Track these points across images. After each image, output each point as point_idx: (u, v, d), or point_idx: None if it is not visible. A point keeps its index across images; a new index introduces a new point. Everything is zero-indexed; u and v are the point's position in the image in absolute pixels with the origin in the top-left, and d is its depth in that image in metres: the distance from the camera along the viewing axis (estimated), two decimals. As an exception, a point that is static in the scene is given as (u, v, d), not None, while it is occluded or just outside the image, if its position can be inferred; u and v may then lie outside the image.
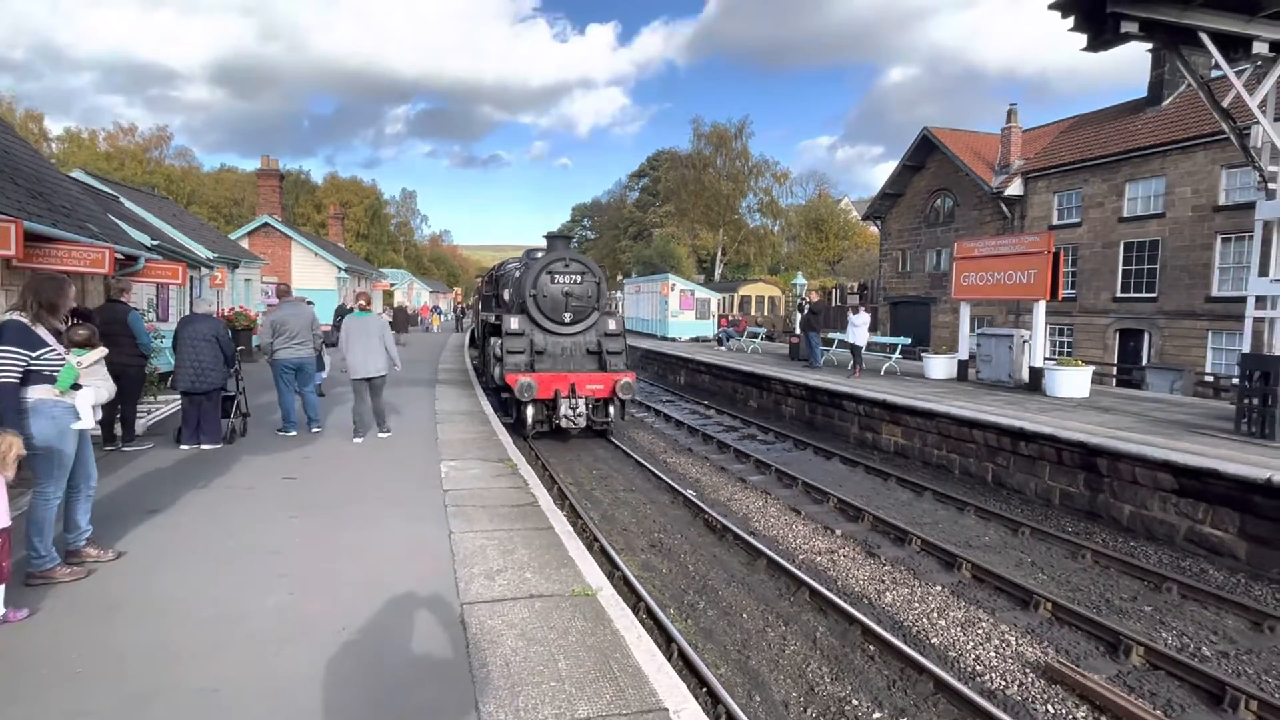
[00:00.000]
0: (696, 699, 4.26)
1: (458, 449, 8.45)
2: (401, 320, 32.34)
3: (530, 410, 11.20)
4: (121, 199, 17.28)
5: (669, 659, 4.93)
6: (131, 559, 4.69)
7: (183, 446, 7.91)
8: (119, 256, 9.13)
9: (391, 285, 47.23)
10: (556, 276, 11.95)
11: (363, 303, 9.05)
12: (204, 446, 7.93)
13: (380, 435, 8.94)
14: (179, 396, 8.32)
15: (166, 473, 6.93)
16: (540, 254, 13.15)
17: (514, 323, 11.83)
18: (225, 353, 8.04)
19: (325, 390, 12.19)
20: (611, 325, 12.51)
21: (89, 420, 4.41)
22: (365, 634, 3.74)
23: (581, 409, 11.33)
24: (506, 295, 13.92)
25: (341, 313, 19.88)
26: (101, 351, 4.72)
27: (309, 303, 9.85)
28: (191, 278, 15.93)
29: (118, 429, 7.98)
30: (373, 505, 6.06)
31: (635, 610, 5.53)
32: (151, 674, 3.29)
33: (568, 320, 12.02)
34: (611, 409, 11.83)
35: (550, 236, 13.14)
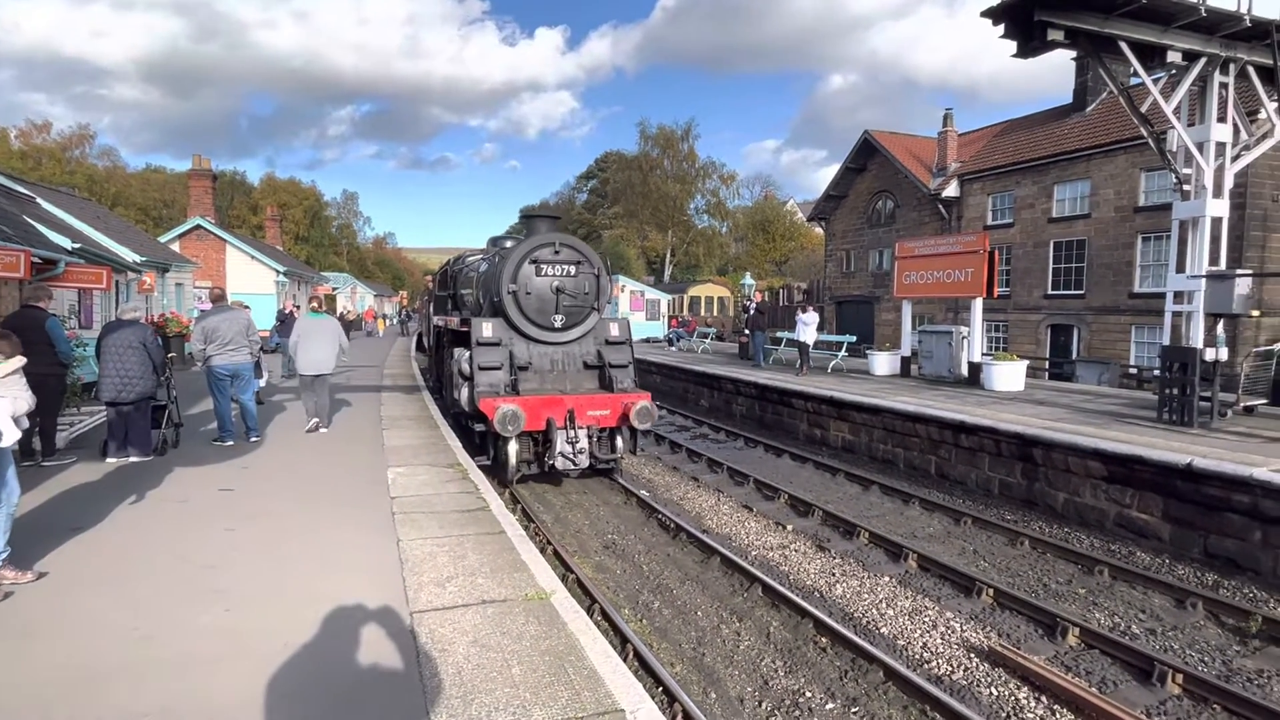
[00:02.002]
0: (653, 698, 4.25)
1: (405, 455, 8.26)
2: (345, 327, 31.50)
3: (514, 448, 8.32)
4: (39, 200, 16.34)
5: (624, 660, 4.91)
6: (54, 580, 4.42)
7: (109, 460, 7.50)
8: (36, 260, 8.63)
9: (334, 289, 45.98)
10: (543, 267, 9.10)
11: (315, 305, 10.01)
12: (132, 459, 7.54)
13: (321, 430, 9.56)
14: (105, 407, 7.90)
15: (92, 488, 6.56)
16: (512, 242, 10.53)
17: (487, 329, 8.93)
18: (154, 360, 7.67)
19: (264, 398, 11.75)
20: (614, 330, 9.64)
21: (10, 434, 4.14)
22: (308, 649, 3.61)
23: (583, 443, 8.45)
24: (468, 295, 11.53)
25: (282, 318, 19.30)
26: (19, 361, 4.44)
27: (245, 307, 9.49)
28: (117, 282, 15.16)
29: (36, 443, 7.50)
30: (315, 515, 5.86)
31: (590, 612, 5.50)
32: (75, 702, 3.10)
33: (559, 325, 9.20)
34: (619, 441, 8.95)
35: (529, 215, 10.18)
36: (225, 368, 8.58)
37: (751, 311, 20.15)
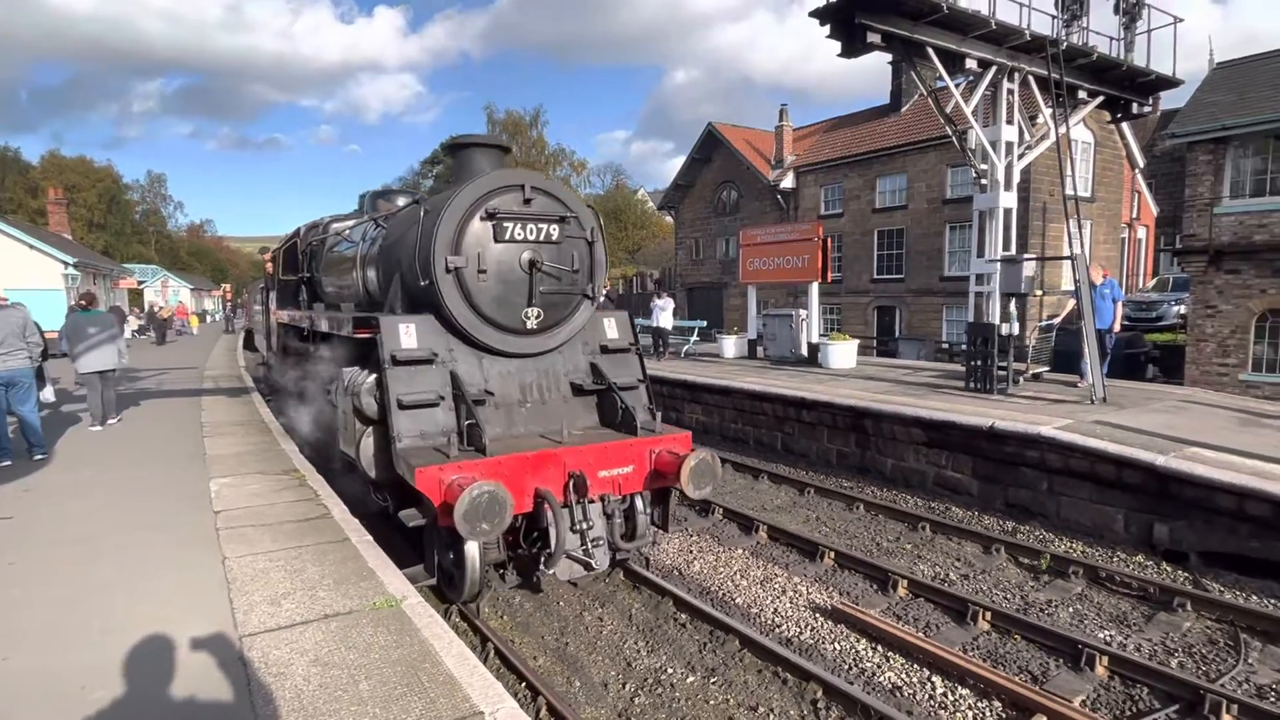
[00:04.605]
0: (515, 695, 4.15)
1: (231, 464, 7.48)
2: (157, 326, 28.12)
3: (475, 551, 5.03)
4: None
5: (484, 660, 4.77)
6: None
7: None
8: None
9: (140, 283, 40.80)
10: (506, 227, 5.44)
11: (84, 302, 9.41)
12: None
13: (110, 421, 9.37)
14: None
15: None
16: (405, 199, 7.66)
17: (407, 336, 5.37)
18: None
19: (52, 409, 10.20)
20: (611, 330, 6.31)
21: None
22: (117, 691, 3.15)
23: (599, 528, 5.30)
24: (336, 282, 8.09)
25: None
26: None
27: (18, 306, 8.14)
28: None
29: None
30: (122, 538, 5.15)
31: (446, 615, 5.28)
32: None
33: (533, 324, 5.67)
34: (641, 516, 5.61)
35: (462, 145, 6.03)
36: (-4, 375, 7.32)
37: (606, 299, 20.31)
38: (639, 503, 5.57)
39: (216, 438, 8.86)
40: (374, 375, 5.39)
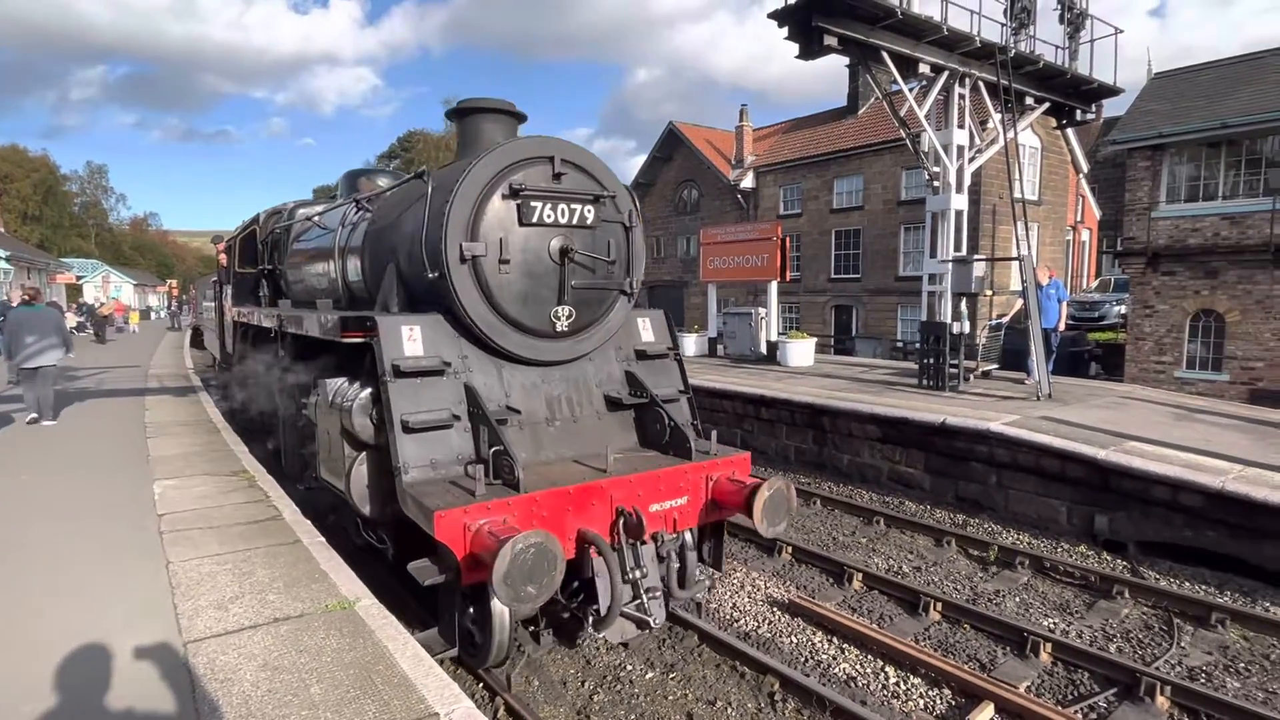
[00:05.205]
0: (473, 695, 4.12)
1: (177, 465, 7.23)
2: (97, 323, 27.03)
3: (503, 611, 4.13)
4: None
5: (441, 661, 4.70)
6: None
7: None
8: None
9: (79, 278, 39.13)
10: (534, 208, 4.57)
11: (27, 297, 9.37)
12: None
13: (45, 423, 9.09)
14: None
15: None
16: (388, 180, 7.01)
17: (411, 340, 4.44)
18: None
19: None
20: (647, 329, 5.53)
21: None
22: (49, 704, 3.02)
23: (653, 575, 4.44)
24: (301, 276, 7.43)
25: (3, 310, 16.18)
26: None
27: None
28: None
29: None
30: (58, 545, 4.94)
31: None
32: None
33: (565, 325, 4.83)
34: (691, 554, 4.72)
35: (471, 109, 5.08)
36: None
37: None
38: (688, 538, 4.68)
39: (161, 438, 8.56)
40: (368, 389, 4.48)
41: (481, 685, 4.61)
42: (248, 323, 8.45)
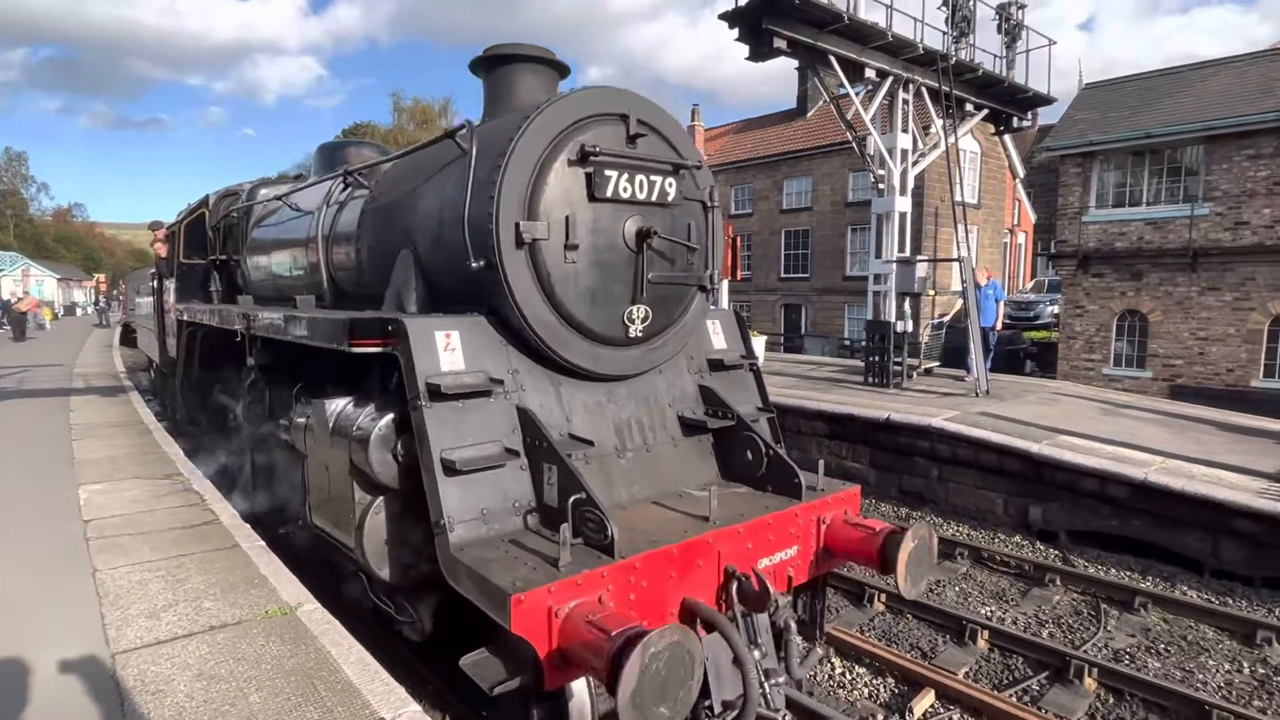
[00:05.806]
0: (421, 699, 4.04)
1: (105, 468, 6.89)
2: (15, 319, 25.54)
3: (585, 697, 3.03)
4: None
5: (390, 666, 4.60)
6: None
7: None
8: None
9: (-3, 271, 36.95)
10: (609, 178, 3.41)
11: None
12: None
13: None
14: None
15: None
16: (373, 150, 6.11)
17: (447, 349, 3.24)
18: None
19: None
20: (719, 334, 4.45)
21: None
22: (-41, 722, 2.85)
23: (770, 650, 3.32)
24: (267, 267, 6.33)
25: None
26: None
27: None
28: None
29: None
30: (-29, 553, 4.65)
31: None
32: None
33: (638, 330, 3.71)
34: (791, 620, 3.42)
35: (511, 56, 4.02)
36: None
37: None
38: (790, 612, 3.55)
39: (87, 440, 8.14)
40: (388, 415, 3.35)
41: (430, 688, 4.54)
42: (197, 322, 6.98)
